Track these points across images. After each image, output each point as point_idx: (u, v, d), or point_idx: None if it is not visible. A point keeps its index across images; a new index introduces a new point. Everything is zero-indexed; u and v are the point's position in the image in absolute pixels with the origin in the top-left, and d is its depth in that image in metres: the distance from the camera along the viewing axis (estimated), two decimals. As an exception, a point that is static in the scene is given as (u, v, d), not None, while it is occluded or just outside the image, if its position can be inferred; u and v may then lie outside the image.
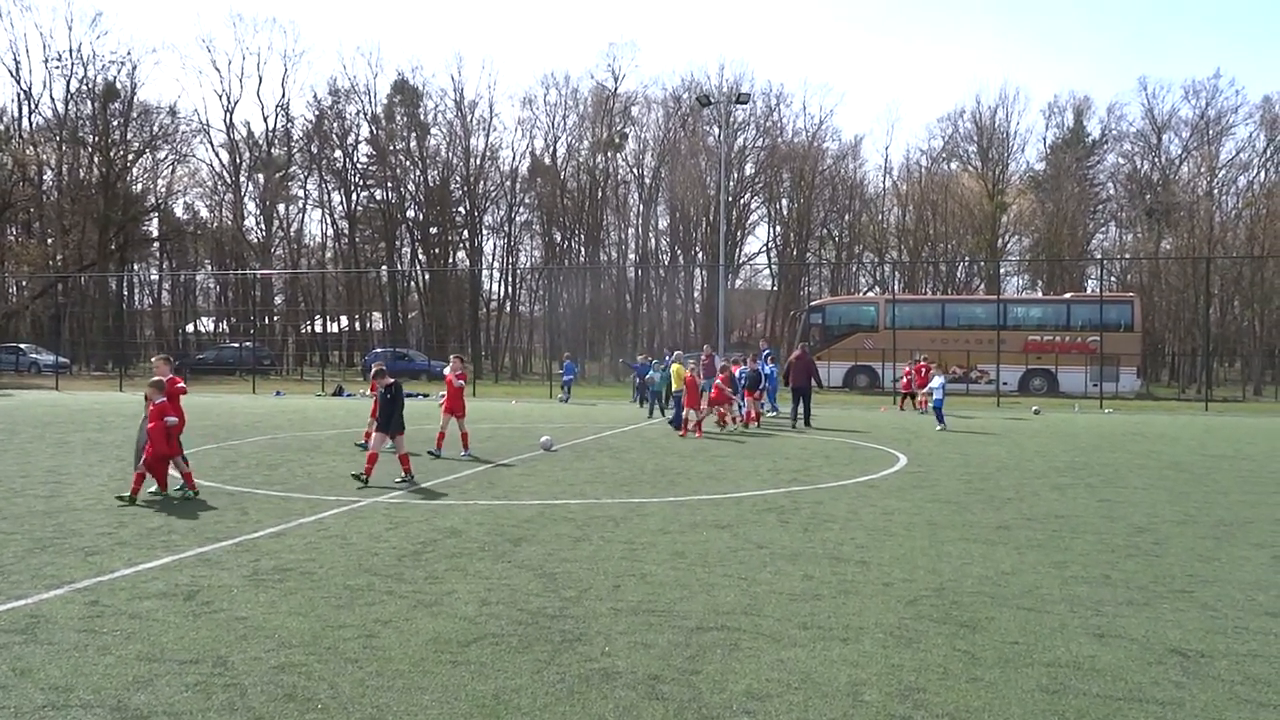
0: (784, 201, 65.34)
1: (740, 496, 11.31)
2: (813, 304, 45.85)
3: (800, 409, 22.05)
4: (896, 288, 56.43)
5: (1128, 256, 58.42)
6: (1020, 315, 40.19)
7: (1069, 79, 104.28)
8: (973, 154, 64.37)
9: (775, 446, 17.35)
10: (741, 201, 63.25)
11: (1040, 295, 53.29)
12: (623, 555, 8.00)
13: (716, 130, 59.34)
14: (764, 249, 67.34)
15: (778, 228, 65.59)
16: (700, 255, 63.39)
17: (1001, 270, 59.32)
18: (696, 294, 65.87)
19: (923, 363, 28.26)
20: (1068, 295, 43.21)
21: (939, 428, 21.18)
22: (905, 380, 28.13)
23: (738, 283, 63.58)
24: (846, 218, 64.94)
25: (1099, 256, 59.30)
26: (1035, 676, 5.18)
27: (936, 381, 22.50)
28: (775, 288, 64.86)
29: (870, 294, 58.77)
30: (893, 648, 5.62)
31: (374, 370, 12.89)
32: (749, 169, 63.97)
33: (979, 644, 5.71)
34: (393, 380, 12.55)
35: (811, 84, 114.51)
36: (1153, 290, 52.91)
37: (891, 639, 5.79)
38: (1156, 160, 60.71)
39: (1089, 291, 51.01)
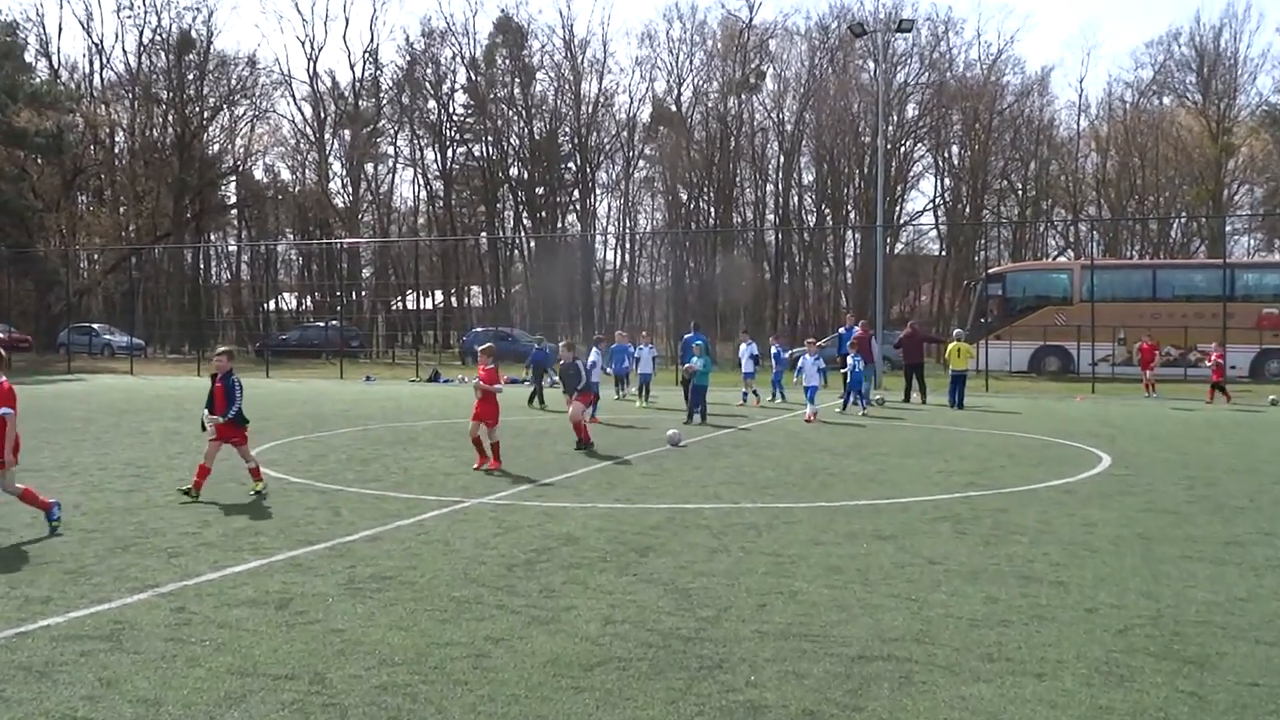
0: (954, 149, 63.81)
1: (906, 502, 11.17)
2: (990, 272, 44.73)
3: (915, 385, 25.81)
4: (1095, 251, 54.41)
5: (1395, 208, 54.82)
6: (1252, 283, 38.20)
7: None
8: (1191, 86, 61.40)
9: (947, 443, 17.04)
10: (902, 150, 62.05)
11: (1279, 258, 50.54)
12: (768, 569, 8.01)
13: (872, 65, 58.24)
14: (930, 206, 66.04)
15: (946, 180, 64.16)
16: (853, 215, 62.53)
17: (1229, 228, 56.48)
18: (848, 261, 65.07)
19: (1148, 342, 29.19)
20: (1315, 258, 40.90)
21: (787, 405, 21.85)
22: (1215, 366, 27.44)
23: (898, 247, 62.47)
24: (1032, 167, 62.98)
25: (1357, 209, 55.89)
26: (1283, 728, 4.95)
27: (808, 359, 21.66)
28: (943, 252, 63.49)
29: (1062, 259, 56.76)
30: (1099, 686, 5.47)
31: None
32: (911, 111, 62.70)
33: (1208, 684, 5.51)
34: None
35: (988, 6, 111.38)
36: None
37: (1098, 675, 5.63)
38: None
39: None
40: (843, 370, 23.39)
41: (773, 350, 27.41)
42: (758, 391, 25.18)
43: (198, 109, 62.48)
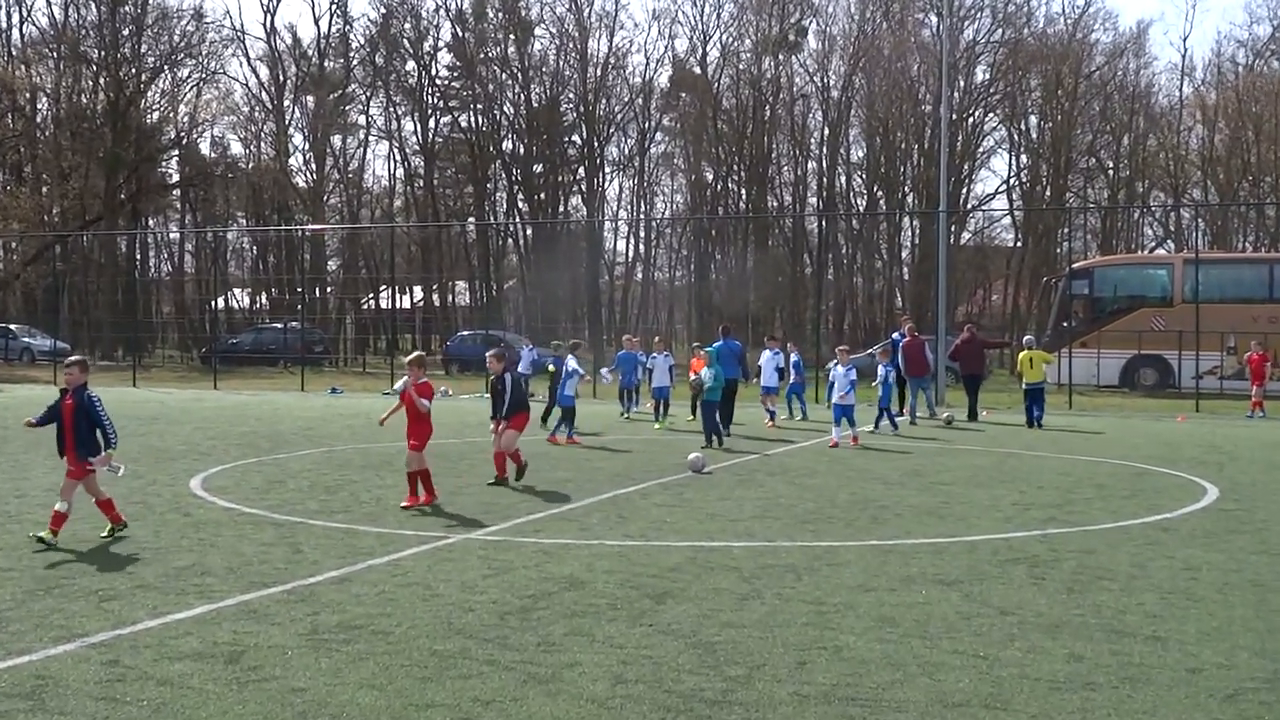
0: (1032, 120, 63.71)
1: (973, 540, 11.16)
2: (1075, 266, 44.57)
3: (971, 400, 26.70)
4: (1200, 242, 54.25)
5: None
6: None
7: None
8: (1318, 44, 61.20)
9: (1022, 470, 16.99)
10: (970, 121, 62.03)
11: None
12: (808, 620, 8.01)
13: (934, 20, 58.35)
14: (1003, 189, 65.91)
15: (1023, 158, 64.09)
16: (911, 199, 62.48)
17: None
18: (905, 254, 64.97)
19: (1258, 352, 29.12)
20: None
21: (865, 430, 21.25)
22: None
23: (965, 236, 62.38)
24: (1125, 142, 62.82)
25: None
26: None
27: (839, 371, 21.13)
28: (1019, 243, 63.37)
29: (1161, 251, 56.60)
30: (1204, 763, 5.46)
31: None
32: (981, 74, 62.71)
33: (1335, 762, 5.49)
34: None
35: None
36: None
37: (1202, 750, 5.62)
38: None
39: None
40: (874, 384, 23.28)
41: (793, 358, 26.91)
42: (773, 411, 24.82)
43: (134, 71, 62.68)
